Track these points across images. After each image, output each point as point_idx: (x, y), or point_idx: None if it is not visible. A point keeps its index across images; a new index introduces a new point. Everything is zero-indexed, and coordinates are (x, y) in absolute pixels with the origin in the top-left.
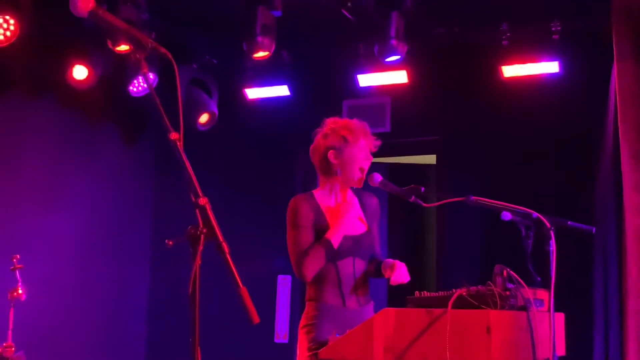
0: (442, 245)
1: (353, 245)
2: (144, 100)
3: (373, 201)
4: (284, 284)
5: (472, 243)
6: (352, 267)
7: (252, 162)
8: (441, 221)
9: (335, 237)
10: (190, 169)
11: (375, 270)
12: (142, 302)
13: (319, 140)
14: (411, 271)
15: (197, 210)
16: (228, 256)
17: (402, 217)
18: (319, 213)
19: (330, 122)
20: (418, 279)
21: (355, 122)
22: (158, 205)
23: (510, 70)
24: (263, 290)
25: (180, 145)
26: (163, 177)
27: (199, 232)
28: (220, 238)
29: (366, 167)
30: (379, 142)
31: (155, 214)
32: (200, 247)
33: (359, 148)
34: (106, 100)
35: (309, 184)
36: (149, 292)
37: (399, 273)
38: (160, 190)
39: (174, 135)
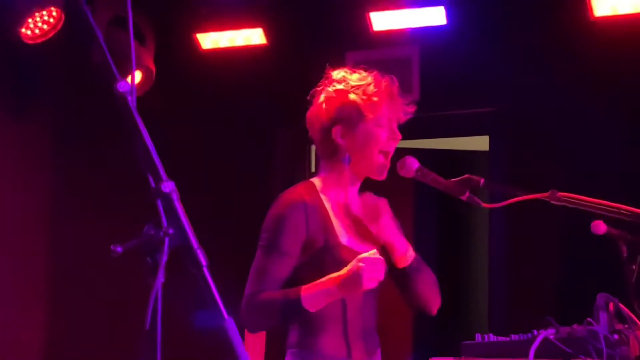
0: (498, 265)
1: None
2: (40, 49)
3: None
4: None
5: (543, 265)
6: (362, 300)
7: (207, 144)
8: (496, 230)
9: (316, 294)
10: (149, 138)
11: (396, 275)
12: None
13: (318, 106)
14: (451, 301)
15: (159, 201)
16: (206, 272)
17: (434, 222)
18: (321, 218)
19: (338, 78)
20: (462, 312)
21: (376, 79)
22: (59, 209)
23: (604, 6)
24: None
25: (131, 101)
26: (66, 165)
27: (162, 234)
28: (195, 244)
29: (392, 149)
30: (412, 109)
31: (53, 220)
32: (165, 257)
33: (380, 122)
34: None
35: (294, 175)
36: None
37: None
38: (62, 186)
39: (123, 87)
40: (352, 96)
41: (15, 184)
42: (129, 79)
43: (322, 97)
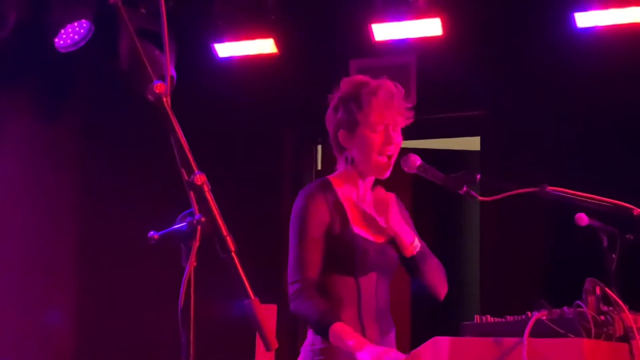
0: (488, 255)
1: (377, 256)
2: (72, 56)
3: (389, 199)
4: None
5: (530, 255)
6: (375, 285)
7: (223, 144)
8: (487, 223)
9: (341, 342)
10: (182, 134)
11: (406, 264)
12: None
13: (329, 112)
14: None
15: (191, 193)
16: (234, 256)
17: (430, 215)
18: (337, 209)
19: (344, 86)
20: (455, 297)
21: (371, 86)
22: (87, 208)
23: (588, 18)
24: (235, 325)
25: (167, 102)
26: (95, 166)
27: (195, 223)
28: (224, 231)
29: (391, 152)
30: (410, 113)
31: (83, 218)
32: (197, 243)
33: (375, 128)
34: (16, 57)
35: (301, 172)
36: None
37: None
38: (92, 184)
39: (159, 88)
40: (351, 104)
41: (47, 182)
42: (155, 84)
43: (331, 104)
